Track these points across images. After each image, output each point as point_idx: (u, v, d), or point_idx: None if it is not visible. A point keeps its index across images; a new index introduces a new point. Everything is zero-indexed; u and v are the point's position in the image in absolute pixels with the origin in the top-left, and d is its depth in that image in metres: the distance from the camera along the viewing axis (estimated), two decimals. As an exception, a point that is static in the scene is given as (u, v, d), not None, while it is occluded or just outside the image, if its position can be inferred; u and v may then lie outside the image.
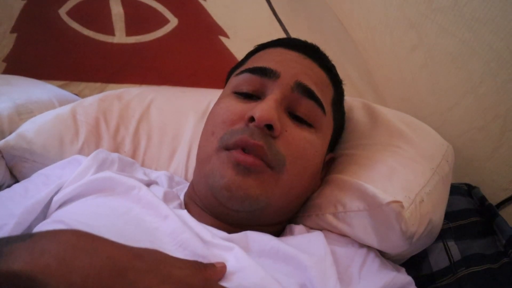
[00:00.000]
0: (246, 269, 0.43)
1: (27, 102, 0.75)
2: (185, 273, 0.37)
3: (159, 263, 0.36)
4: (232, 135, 0.50)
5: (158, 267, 0.36)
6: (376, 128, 0.64)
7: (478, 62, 0.61)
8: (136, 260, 0.35)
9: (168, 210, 0.49)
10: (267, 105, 0.50)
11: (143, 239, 0.45)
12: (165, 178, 0.66)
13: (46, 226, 0.48)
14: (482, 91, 0.63)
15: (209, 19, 1.01)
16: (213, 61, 1.04)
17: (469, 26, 0.59)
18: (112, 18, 1.00)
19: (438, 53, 0.67)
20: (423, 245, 0.57)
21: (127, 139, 0.74)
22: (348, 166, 0.60)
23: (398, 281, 0.50)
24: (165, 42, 1.03)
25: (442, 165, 0.59)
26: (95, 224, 0.45)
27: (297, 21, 0.98)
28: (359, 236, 0.53)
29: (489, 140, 0.65)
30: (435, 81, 0.71)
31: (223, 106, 0.55)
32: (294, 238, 0.53)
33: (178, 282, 0.35)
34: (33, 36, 1.00)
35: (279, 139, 0.50)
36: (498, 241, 0.59)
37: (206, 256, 0.44)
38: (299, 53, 0.59)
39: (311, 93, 0.54)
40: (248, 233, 0.50)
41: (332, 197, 0.56)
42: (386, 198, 0.50)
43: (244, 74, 0.56)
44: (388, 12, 0.73)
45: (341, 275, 0.47)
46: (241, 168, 0.48)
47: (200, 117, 0.78)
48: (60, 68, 1.03)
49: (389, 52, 0.80)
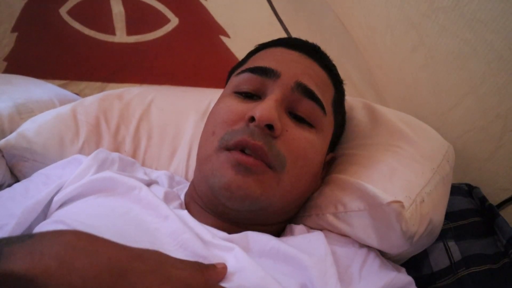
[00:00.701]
0: (246, 269, 0.43)
1: (28, 102, 0.75)
2: (185, 274, 0.37)
3: (159, 264, 0.36)
4: (232, 135, 0.50)
5: (159, 268, 0.36)
6: (377, 128, 0.64)
7: (479, 62, 0.61)
8: (137, 261, 0.35)
9: (168, 210, 0.49)
10: (267, 105, 0.50)
11: (144, 240, 0.45)
12: (165, 178, 0.66)
13: (47, 226, 0.48)
14: (483, 91, 0.63)
15: (209, 18, 1.01)
16: (214, 60, 1.04)
17: (470, 26, 0.59)
18: (112, 17, 1.00)
19: (439, 53, 0.67)
20: (423, 245, 0.57)
21: (127, 138, 0.74)
22: (348, 166, 0.60)
23: (398, 281, 0.50)
24: (165, 41, 1.03)
25: (442, 165, 0.59)
26: (95, 225, 0.45)
27: (298, 21, 0.98)
28: (359, 236, 0.53)
29: (490, 141, 0.65)
30: (436, 81, 0.71)
31: (224, 106, 0.55)
32: (295, 238, 0.53)
33: (178, 283, 0.35)
34: (33, 36, 1.00)
35: (280, 139, 0.50)
36: (498, 241, 0.59)
37: (207, 257, 0.44)
38: (300, 53, 0.59)
39: (311, 93, 0.54)
40: (248, 233, 0.50)
41: (333, 197, 0.56)
42: (386, 198, 0.50)
43: (244, 74, 0.56)
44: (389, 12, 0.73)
45: (341, 275, 0.47)
46: (241, 168, 0.48)
47: (200, 116, 0.78)
48: (61, 67, 1.04)
49: (390, 52, 0.79)
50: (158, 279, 0.34)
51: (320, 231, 0.55)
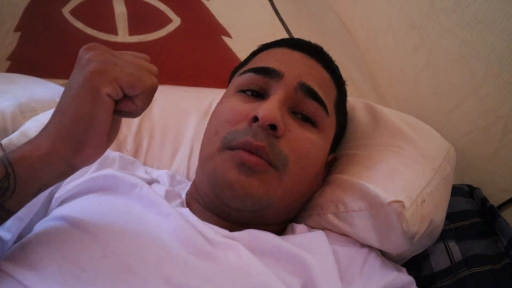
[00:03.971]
0: (248, 267, 0.43)
1: (30, 101, 0.75)
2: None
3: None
4: (235, 135, 0.50)
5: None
6: (378, 129, 0.64)
7: (480, 63, 0.61)
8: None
9: (170, 208, 0.49)
10: (270, 105, 0.50)
11: (145, 237, 0.46)
12: (166, 177, 0.66)
13: (48, 223, 0.48)
14: (484, 92, 0.63)
15: (211, 19, 1.01)
16: (216, 60, 1.04)
17: (472, 27, 0.59)
18: (115, 17, 1.00)
19: (440, 54, 0.67)
20: (424, 246, 0.57)
21: (129, 138, 0.75)
22: (349, 166, 0.60)
23: (399, 281, 0.50)
24: (167, 41, 1.03)
25: (443, 165, 0.59)
26: (96, 223, 0.46)
27: (300, 21, 0.98)
28: (360, 235, 0.54)
29: (491, 142, 0.65)
30: (437, 82, 0.71)
31: (227, 105, 0.55)
32: (296, 237, 0.53)
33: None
34: (36, 35, 1.00)
35: (282, 139, 0.50)
36: (499, 242, 0.59)
37: (210, 253, 0.44)
38: (303, 53, 0.59)
39: (314, 93, 0.54)
40: (250, 231, 0.50)
41: (334, 196, 0.56)
42: (387, 198, 0.51)
43: (247, 74, 0.56)
44: (391, 12, 0.73)
45: (342, 274, 0.47)
46: (244, 167, 0.48)
47: (202, 116, 0.78)
48: (63, 66, 1.03)
49: (391, 52, 0.80)
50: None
51: (321, 230, 0.55)
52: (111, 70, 0.39)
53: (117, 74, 0.39)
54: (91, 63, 0.39)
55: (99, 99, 0.38)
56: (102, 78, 0.38)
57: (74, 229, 0.45)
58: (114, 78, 0.38)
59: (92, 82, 0.38)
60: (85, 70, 0.38)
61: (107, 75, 0.38)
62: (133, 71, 0.40)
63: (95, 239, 0.44)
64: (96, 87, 0.38)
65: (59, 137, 0.38)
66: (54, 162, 0.38)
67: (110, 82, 0.38)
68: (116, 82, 0.38)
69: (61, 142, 0.38)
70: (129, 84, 0.39)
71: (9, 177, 0.37)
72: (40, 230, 0.46)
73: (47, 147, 0.38)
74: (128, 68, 0.40)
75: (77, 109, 0.38)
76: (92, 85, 0.38)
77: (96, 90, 0.38)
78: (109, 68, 0.39)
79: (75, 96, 0.38)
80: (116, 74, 0.39)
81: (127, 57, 0.41)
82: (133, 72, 0.40)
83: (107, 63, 0.39)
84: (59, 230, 0.46)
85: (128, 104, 0.40)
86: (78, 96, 0.38)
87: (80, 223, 0.45)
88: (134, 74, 0.39)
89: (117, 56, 0.41)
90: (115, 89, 0.38)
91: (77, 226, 0.45)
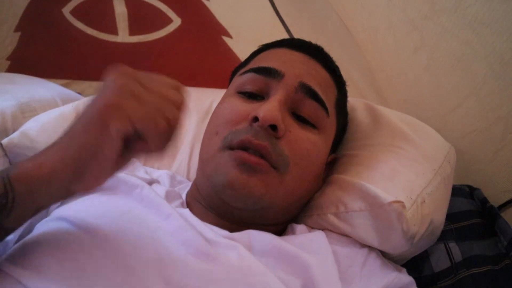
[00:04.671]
0: (249, 267, 0.43)
1: (31, 101, 0.75)
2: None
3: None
4: (236, 135, 0.50)
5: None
6: (378, 129, 0.64)
7: (481, 64, 0.61)
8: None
9: (170, 209, 0.49)
10: (271, 106, 0.50)
11: (145, 238, 0.45)
12: (167, 177, 0.66)
13: (49, 223, 0.48)
14: (484, 93, 0.63)
15: (212, 19, 1.02)
16: (216, 60, 1.04)
17: (472, 28, 0.59)
18: (115, 17, 1.01)
19: (440, 54, 0.68)
20: (424, 246, 0.57)
21: (129, 137, 0.74)
22: (350, 166, 0.60)
23: (399, 281, 0.50)
24: (168, 41, 1.03)
25: (444, 166, 0.59)
26: (97, 223, 0.46)
27: (300, 21, 0.98)
28: (360, 236, 0.54)
29: (491, 142, 0.65)
30: (437, 82, 0.71)
31: (227, 106, 0.55)
32: (296, 237, 0.53)
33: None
34: (36, 35, 1.00)
35: (283, 140, 0.51)
36: (499, 242, 0.59)
37: (210, 254, 0.44)
38: (304, 53, 0.59)
39: (314, 94, 0.54)
40: (250, 232, 0.50)
41: (334, 197, 0.56)
42: (387, 198, 0.51)
43: (248, 74, 0.56)
44: (391, 13, 0.73)
45: (342, 275, 0.47)
46: (245, 167, 0.48)
47: (202, 116, 0.78)
48: (63, 66, 1.04)
49: (392, 53, 0.80)
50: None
51: (321, 231, 0.55)
52: (128, 107, 0.36)
53: (133, 113, 0.36)
54: (112, 94, 0.37)
55: (106, 135, 0.36)
56: (115, 113, 0.36)
57: (75, 229, 0.45)
58: (128, 116, 0.36)
59: (104, 116, 0.36)
60: (104, 100, 0.37)
61: (121, 112, 0.36)
62: (151, 111, 0.37)
63: (95, 239, 0.44)
64: (107, 122, 0.36)
65: (61, 161, 0.37)
66: (53, 184, 0.37)
67: (122, 119, 0.36)
68: (129, 121, 0.36)
69: (63, 167, 0.37)
70: (142, 126, 0.37)
71: (8, 195, 0.36)
72: (41, 231, 0.46)
73: (48, 169, 0.36)
74: (149, 104, 0.37)
75: (84, 139, 0.37)
76: (103, 119, 0.36)
77: (106, 125, 0.36)
78: (127, 105, 0.36)
79: (86, 124, 0.37)
80: (132, 112, 0.36)
81: (154, 85, 0.39)
82: (151, 111, 0.37)
83: (127, 97, 0.37)
84: (60, 230, 0.45)
85: (141, 144, 0.38)
86: (88, 125, 0.37)
87: (80, 223, 0.45)
88: (149, 114, 0.37)
89: (144, 83, 0.39)
90: (126, 127, 0.36)
91: (78, 226, 0.45)
